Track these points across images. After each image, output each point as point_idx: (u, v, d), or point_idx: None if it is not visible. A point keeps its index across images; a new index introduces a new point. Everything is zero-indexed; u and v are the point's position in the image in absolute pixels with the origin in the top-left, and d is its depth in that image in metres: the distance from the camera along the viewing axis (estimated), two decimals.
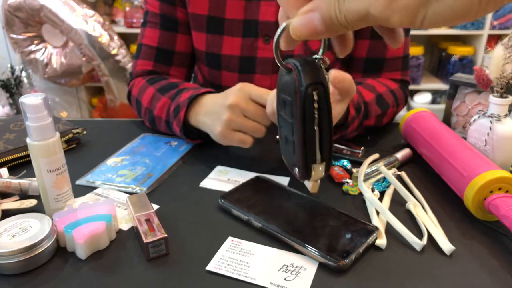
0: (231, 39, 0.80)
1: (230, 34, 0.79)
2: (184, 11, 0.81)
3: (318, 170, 0.36)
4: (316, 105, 0.32)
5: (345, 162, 0.65)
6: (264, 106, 0.61)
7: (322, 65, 0.32)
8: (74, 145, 0.74)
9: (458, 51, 2.33)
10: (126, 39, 2.32)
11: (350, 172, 0.64)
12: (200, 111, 0.66)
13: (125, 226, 0.52)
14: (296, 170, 0.37)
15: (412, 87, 2.36)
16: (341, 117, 0.62)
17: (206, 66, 0.85)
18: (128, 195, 0.58)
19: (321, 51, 0.32)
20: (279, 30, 0.30)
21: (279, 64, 0.33)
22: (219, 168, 0.66)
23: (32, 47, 2.23)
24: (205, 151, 0.72)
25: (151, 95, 0.76)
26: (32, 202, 0.54)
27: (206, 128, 0.66)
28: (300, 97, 0.32)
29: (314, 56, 0.32)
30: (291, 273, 0.44)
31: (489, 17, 2.23)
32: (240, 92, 0.62)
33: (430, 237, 0.49)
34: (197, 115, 0.67)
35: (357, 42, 0.80)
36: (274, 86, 0.82)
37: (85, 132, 0.75)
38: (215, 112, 0.63)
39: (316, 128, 0.33)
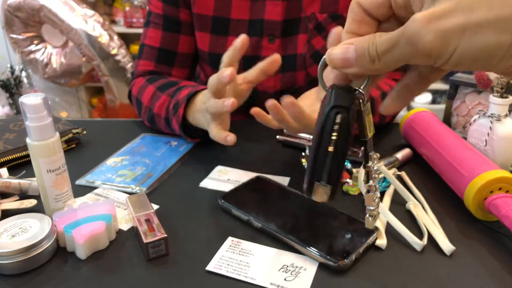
0: (235, 39, 0.80)
1: (235, 34, 0.79)
2: (188, 12, 0.81)
3: (322, 192, 0.36)
4: (336, 127, 0.33)
5: (345, 162, 0.65)
6: None
7: (360, 99, 0.34)
8: (74, 145, 0.74)
9: None
10: (126, 39, 2.32)
11: (350, 172, 0.64)
12: (196, 108, 0.66)
13: (125, 226, 0.52)
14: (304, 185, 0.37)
15: None
16: None
17: (209, 66, 0.85)
18: (128, 195, 0.57)
19: (363, 86, 0.34)
20: (322, 59, 0.33)
21: (322, 88, 0.35)
22: (219, 168, 0.66)
23: (32, 47, 2.23)
24: (205, 151, 0.72)
25: (151, 93, 0.76)
26: (32, 202, 0.54)
27: (202, 125, 0.65)
28: (323, 115, 0.33)
29: (355, 88, 0.34)
30: (291, 273, 0.44)
31: None
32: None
33: (430, 237, 0.49)
34: (194, 112, 0.67)
35: None
36: (277, 85, 0.82)
37: (85, 132, 0.75)
38: None
39: (330, 149, 0.34)
